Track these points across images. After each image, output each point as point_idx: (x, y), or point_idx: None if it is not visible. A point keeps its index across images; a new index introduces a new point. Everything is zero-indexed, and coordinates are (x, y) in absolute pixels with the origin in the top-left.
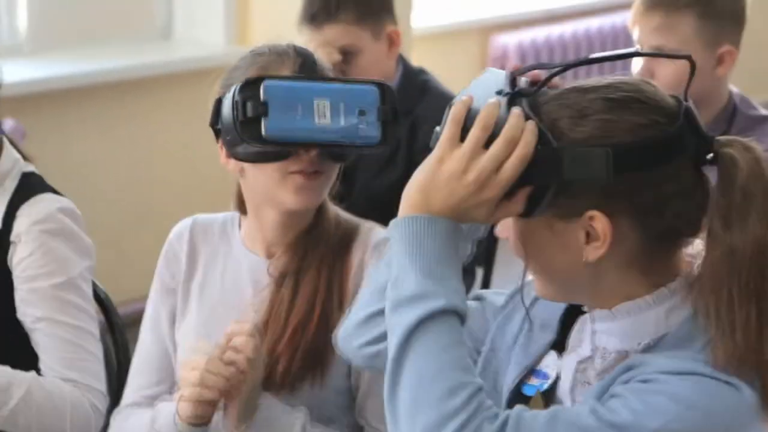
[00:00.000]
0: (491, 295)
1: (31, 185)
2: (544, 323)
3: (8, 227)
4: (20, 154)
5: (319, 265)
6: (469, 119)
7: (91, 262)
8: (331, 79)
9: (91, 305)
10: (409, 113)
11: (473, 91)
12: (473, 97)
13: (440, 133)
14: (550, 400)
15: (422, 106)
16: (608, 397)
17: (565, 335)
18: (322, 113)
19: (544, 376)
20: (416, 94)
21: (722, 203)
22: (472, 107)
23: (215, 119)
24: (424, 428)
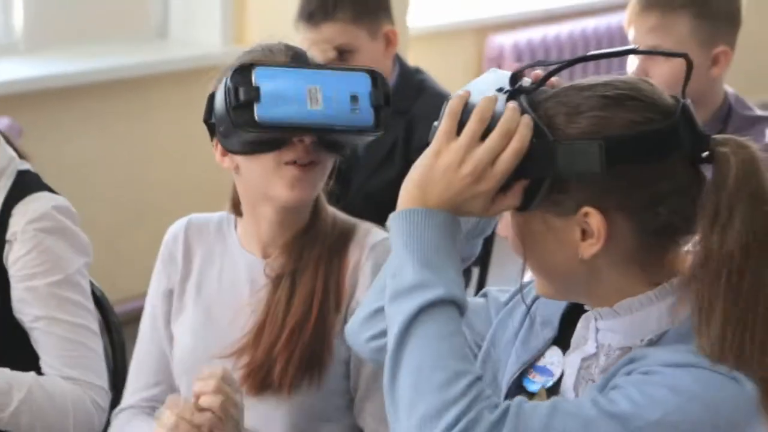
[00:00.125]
0: (496, 291)
1: (26, 184)
2: (544, 320)
3: (4, 226)
4: (16, 152)
5: (315, 265)
6: (465, 113)
7: (88, 258)
8: (322, 66)
9: (89, 301)
10: (405, 113)
11: (474, 88)
12: (472, 92)
13: (437, 127)
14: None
15: (418, 105)
16: (609, 388)
17: (565, 332)
18: (314, 98)
19: (545, 372)
20: (413, 93)
21: (712, 201)
22: (469, 102)
23: (209, 114)
24: (423, 416)
